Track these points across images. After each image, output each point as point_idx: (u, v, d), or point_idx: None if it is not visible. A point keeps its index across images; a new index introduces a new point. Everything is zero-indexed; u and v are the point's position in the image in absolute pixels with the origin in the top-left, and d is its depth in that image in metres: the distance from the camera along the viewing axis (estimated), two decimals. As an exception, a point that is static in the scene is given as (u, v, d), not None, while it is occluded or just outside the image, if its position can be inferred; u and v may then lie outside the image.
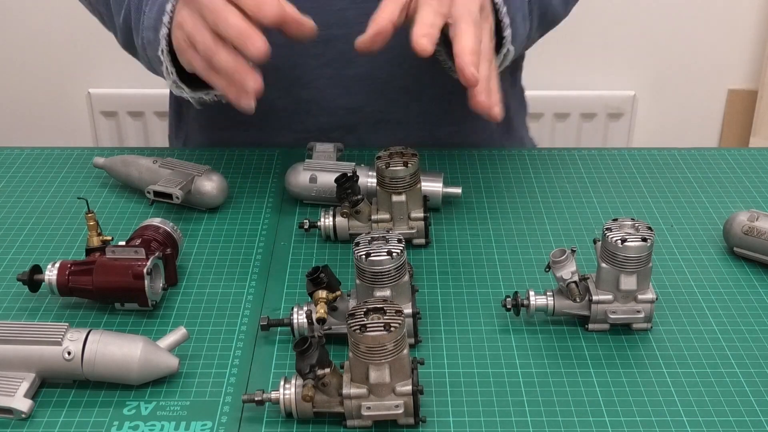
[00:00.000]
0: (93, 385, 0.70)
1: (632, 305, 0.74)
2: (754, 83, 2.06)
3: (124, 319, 0.78)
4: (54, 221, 0.93)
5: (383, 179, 0.85)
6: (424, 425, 0.66)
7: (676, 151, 1.07)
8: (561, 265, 0.74)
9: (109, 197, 0.97)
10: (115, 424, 0.67)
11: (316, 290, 0.71)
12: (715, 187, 0.99)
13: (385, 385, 0.64)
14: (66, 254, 0.87)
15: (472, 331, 0.76)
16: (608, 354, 0.74)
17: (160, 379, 0.70)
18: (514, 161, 1.05)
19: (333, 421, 0.67)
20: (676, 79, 2.04)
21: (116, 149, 1.06)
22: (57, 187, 0.99)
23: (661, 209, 0.95)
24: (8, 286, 0.82)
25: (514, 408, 0.68)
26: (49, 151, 1.07)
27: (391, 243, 0.72)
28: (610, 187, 0.99)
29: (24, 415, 0.67)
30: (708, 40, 2.00)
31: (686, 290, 0.82)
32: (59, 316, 0.78)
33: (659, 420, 0.67)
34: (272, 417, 0.67)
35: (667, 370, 0.72)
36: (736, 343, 0.75)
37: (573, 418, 0.67)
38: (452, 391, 0.70)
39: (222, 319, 0.78)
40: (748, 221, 0.84)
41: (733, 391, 0.70)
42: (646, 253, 0.73)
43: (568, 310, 0.75)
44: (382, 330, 0.63)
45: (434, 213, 0.92)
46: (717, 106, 2.09)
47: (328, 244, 0.89)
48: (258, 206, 0.95)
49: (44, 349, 0.68)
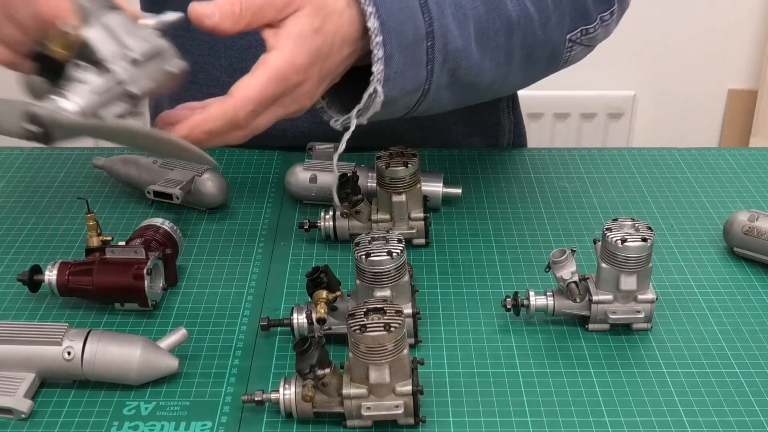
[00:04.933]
0: (93, 385, 0.70)
1: (632, 305, 0.74)
2: (754, 83, 2.06)
3: (124, 319, 0.78)
4: (54, 221, 0.92)
5: (383, 179, 0.85)
6: (424, 425, 0.66)
7: (676, 151, 1.07)
8: (561, 265, 0.74)
9: (109, 197, 0.97)
10: (115, 424, 0.67)
11: (316, 290, 0.71)
12: (715, 187, 0.99)
13: (385, 385, 0.64)
14: (66, 254, 0.87)
15: (472, 331, 0.76)
16: (608, 354, 0.74)
17: (160, 379, 0.70)
18: (514, 161, 1.05)
19: (333, 421, 0.67)
20: (676, 79, 2.04)
21: (116, 149, 1.06)
22: (57, 187, 0.99)
23: (661, 209, 0.95)
24: (8, 286, 0.82)
25: (514, 408, 0.68)
26: (49, 151, 1.07)
27: (391, 243, 0.72)
28: (610, 187, 0.99)
29: (24, 415, 0.67)
30: (708, 40, 2.00)
31: (686, 290, 0.82)
32: (59, 316, 0.78)
33: (659, 420, 0.67)
34: (272, 417, 0.67)
35: (667, 370, 0.72)
36: (736, 343, 0.75)
37: (573, 418, 0.67)
38: (452, 391, 0.70)
39: (222, 319, 0.78)
40: (748, 221, 0.84)
41: (733, 391, 0.70)
42: (646, 253, 0.73)
43: (568, 310, 0.75)
44: (382, 330, 0.63)
45: (434, 213, 0.92)
46: (717, 106, 2.10)
47: (328, 244, 0.89)
48: (258, 206, 0.95)
49: (44, 349, 0.68)
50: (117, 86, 0.65)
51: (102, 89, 0.65)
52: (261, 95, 0.66)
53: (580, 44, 0.87)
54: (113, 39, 0.66)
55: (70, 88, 0.65)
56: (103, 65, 0.65)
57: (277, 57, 0.66)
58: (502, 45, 0.79)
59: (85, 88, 0.64)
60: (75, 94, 0.64)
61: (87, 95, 0.64)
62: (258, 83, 0.66)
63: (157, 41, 0.68)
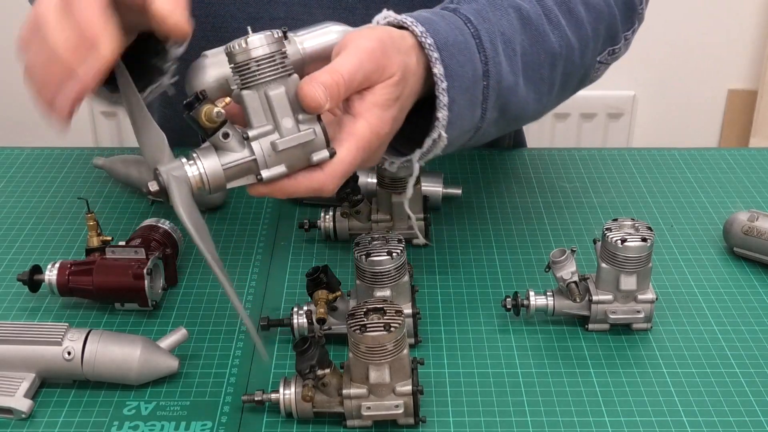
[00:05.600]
0: (93, 385, 0.70)
1: (632, 305, 0.74)
2: (754, 83, 2.06)
3: (124, 319, 0.78)
4: (54, 221, 0.93)
5: (383, 179, 0.85)
6: (424, 425, 0.66)
7: (676, 151, 1.07)
8: (561, 265, 0.74)
9: (109, 197, 0.97)
10: (115, 424, 0.67)
11: (316, 290, 0.71)
12: (715, 187, 0.99)
13: (385, 385, 0.64)
14: (66, 254, 0.87)
15: (472, 331, 0.76)
16: (608, 354, 0.74)
17: (160, 379, 0.70)
18: (514, 161, 1.05)
19: (333, 421, 0.67)
20: (676, 79, 2.04)
21: (116, 149, 1.06)
22: (57, 187, 0.99)
23: (661, 209, 0.95)
24: (8, 286, 0.82)
25: (514, 408, 0.68)
26: (49, 151, 1.07)
27: (391, 243, 0.72)
28: (610, 187, 0.99)
29: (24, 415, 0.67)
30: (708, 40, 2.00)
31: (686, 290, 0.82)
32: (59, 316, 0.78)
33: (659, 420, 0.67)
34: (272, 417, 0.67)
35: (667, 370, 0.72)
36: (736, 343, 0.75)
37: (573, 418, 0.67)
38: (452, 391, 0.70)
39: (222, 319, 0.78)
40: (748, 221, 0.84)
41: (733, 391, 0.70)
42: (646, 253, 0.73)
43: (568, 310, 0.75)
44: (382, 330, 0.63)
45: (434, 213, 0.92)
46: (717, 106, 2.09)
47: (328, 244, 0.89)
48: (258, 206, 0.95)
49: (44, 349, 0.68)
50: (248, 162, 0.62)
51: (232, 163, 0.61)
52: (349, 168, 0.64)
53: (606, 64, 0.88)
54: (268, 114, 0.61)
55: (202, 155, 0.62)
56: (246, 136, 0.61)
57: (364, 127, 0.64)
58: (546, 77, 0.79)
59: (215, 161, 0.61)
60: (205, 160, 0.61)
61: (215, 165, 0.61)
62: (347, 158, 0.63)
63: (310, 127, 0.62)
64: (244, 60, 0.60)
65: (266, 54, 0.60)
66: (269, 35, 0.60)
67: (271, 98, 0.61)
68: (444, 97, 0.68)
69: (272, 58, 0.61)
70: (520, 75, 0.75)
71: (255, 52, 0.60)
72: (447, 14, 0.72)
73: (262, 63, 0.60)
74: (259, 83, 0.61)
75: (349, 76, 0.62)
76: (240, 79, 0.61)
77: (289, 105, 0.61)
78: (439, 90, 0.68)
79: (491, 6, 0.74)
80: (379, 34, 0.66)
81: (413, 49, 0.68)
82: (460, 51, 0.70)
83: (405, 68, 0.66)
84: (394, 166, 0.74)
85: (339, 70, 0.62)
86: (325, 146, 0.62)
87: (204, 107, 0.60)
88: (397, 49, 0.66)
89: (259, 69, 0.60)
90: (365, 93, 0.64)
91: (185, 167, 0.61)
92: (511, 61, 0.74)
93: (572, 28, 0.80)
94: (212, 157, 0.61)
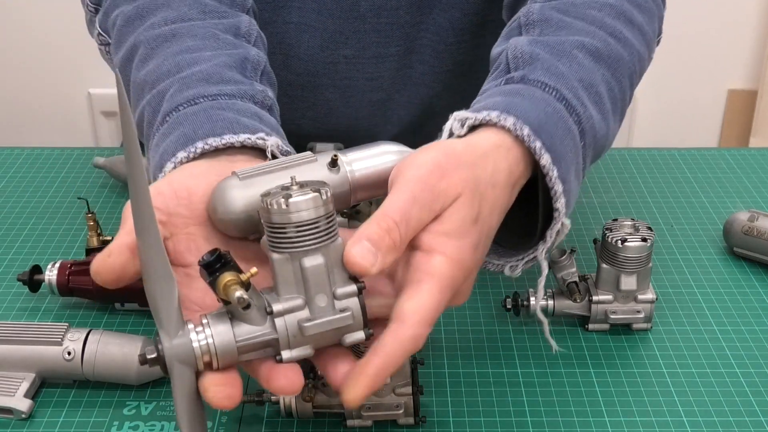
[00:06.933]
0: (93, 385, 0.70)
1: (632, 305, 0.74)
2: (754, 83, 2.07)
3: (124, 319, 0.78)
4: (54, 221, 0.93)
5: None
6: (424, 425, 0.66)
7: (676, 151, 1.07)
8: (561, 266, 0.74)
9: (109, 197, 0.97)
10: (115, 424, 0.67)
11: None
12: (715, 187, 0.99)
13: (385, 385, 0.64)
14: (66, 254, 0.87)
15: (472, 331, 0.76)
16: (608, 354, 0.74)
17: (160, 379, 0.70)
18: (514, 161, 1.04)
19: (333, 421, 0.67)
20: (676, 79, 2.05)
21: (116, 149, 1.06)
22: (57, 187, 0.99)
23: (661, 209, 0.95)
24: (8, 286, 0.82)
25: (514, 408, 0.68)
26: (49, 151, 1.07)
27: None
28: (610, 187, 0.99)
29: (24, 415, 0.67)
30: (708, 40, 2.00)
31: (686, 290, 0.82)
32: (59, 316, 0.78)
33: (659, 420, 0.67)
34: (272, 417, 0.67)
35: (667, 370, 0.72)
36: (736, 343, 0.75)
37: (573, 418, 0.67)
38: (452, 391, 0.70)
39: (222, 319, 0.78)
40: (748, 221, 0.84)
41: (733, 391, 0.70)
42: (646, 253, 0.73)
43: (568, 310, 0.75)
44: None
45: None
46: (717, 106, 2.10)
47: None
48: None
49: (44, 349, 0.68)
50: (266, 338, 0.51)
51: (249, 338, 0.51)
52: (436, 311, 0.53)
53: None
54: (300, 286, 0.51)
55: (213, 322, 0.51)
56: (270, 311, 0.50)
57: (443, 264, 0.53)
58: (628, 98, 0.72)
59: (228, 332, 0.50)
60: (215, 328, 0.50)
61: (227, 338, 0.50)
62: (430, 301, 0.52)
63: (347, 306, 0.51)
64: (281, 223, 0.49)
65: (310, 220, 0.49)
66: (317, 197, 0.49)
67: (306, 271, 0.50)
68: (558, 185, 0.59)
69: (316, 224, 0.50)
70: (609, 115, 0.68)
71: (297, 216, 0.49)
72: (521, 88, 0.62)
73: (303, 230, 0.49)
74: (295, 252, 0.50)
75: (402, 217, 0.52)
76: (273, 241, 0.50)
77: (327, 279, 0.50)
78: (552, 180, 0.58)
79: (555, 57, 0.64)
80: (434, 155, 0.55)
81: (490, 154, 0.57)
82: (555, 124, 0.60)
83: (475, 182, 0.55)
84: (518, 271, 0.65)
85: (388, 213, 0.52)
86: (361, 327, 0.52)
87: (225, 279, 0.48)
88: (459, 164, 0.55)
89: (298, 236, 0.49)
90: (432, 225, 0.54)
91: (191, 335, 0.50)
92: (599, 107, 0.66)
93: (637, 38, 0.73)
94: (225, 326, 0.50)
